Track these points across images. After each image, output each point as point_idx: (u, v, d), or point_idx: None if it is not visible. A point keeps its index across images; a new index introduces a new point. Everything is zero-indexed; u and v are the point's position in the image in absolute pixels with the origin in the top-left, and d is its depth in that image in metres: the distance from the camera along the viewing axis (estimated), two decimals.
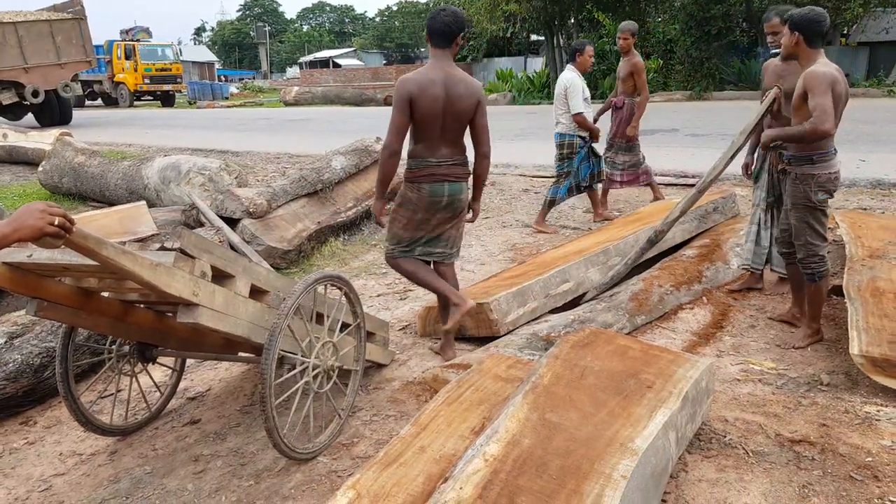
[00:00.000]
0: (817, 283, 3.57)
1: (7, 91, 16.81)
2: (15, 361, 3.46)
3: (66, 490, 2.82)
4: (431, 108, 3.20)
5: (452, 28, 3.23)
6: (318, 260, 5.89)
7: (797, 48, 3.42)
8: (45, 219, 1.59)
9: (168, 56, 31.19)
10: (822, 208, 3.49)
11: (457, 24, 3.24)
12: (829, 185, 3.45)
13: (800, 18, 3.37)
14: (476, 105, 3.29)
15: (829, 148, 3.42)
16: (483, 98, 3.33)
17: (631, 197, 7.31)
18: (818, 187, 3.44)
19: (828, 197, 3.48)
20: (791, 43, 3.43)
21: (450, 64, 3.29)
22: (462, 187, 3.40)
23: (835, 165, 3.46)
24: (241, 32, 73.69)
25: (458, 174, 3.37)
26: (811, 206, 3.48)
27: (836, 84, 3.26)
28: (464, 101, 3.25)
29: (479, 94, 3.30)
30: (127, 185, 7.49)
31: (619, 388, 2.41)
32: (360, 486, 2.05)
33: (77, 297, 2.49)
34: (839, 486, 2.37)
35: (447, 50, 3.28)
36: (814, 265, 3.54)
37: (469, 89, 3.27)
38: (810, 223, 3.51)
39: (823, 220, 3.53)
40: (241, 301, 2.55)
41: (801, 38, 3.38)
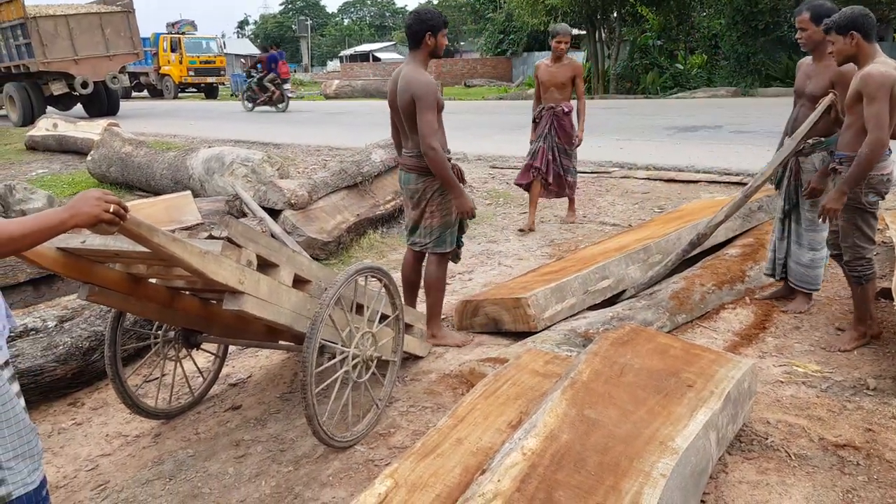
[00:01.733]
0: (864, 286, 3.47)
1: (58, 82, 17.25)
2: (65, 344, 3.57)
3: (111, 470, 2.91)
4: (391, 105, 3.57)
5: (414, 29, 3.44)
6: (356, 252, 5.95)
7: (857, 48, 3.21)
8: (100, 206, 1.64)
9: (212, 49, 31.68)
10: (872, 210, 3.39)
11: (418, 24, 3.43)
12: (880, 186, 3.34)
13: (853, 17, 3.18)
14: (411, 101, 3.39)
15: None
16: (418, 94, 3.36)
17: (673, 194, 7.21)
18: (869, 188, 3.33)
19: (878, 199, 3.38)
20: (850, 45, 3.21)
21: (410, 62, 3.50)
22: (410, 178, 3.59)
23: (888, 167, 3.34)
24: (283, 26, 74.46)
25: (408, 165, 3.59)
26: (860, 208, 3.37)
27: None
28: (402, 97, 3.43)
29: (413, 89, 3.38)
30: (172, 175, 7.65)
31: (660, 387, 2.39)
32: (398, 475, 2.07)
33: (126, 283, 2.56)
34: (885, 492, 2.31)
35: (416, 51, 3.49)
36: (860, 268, 3.45)
37: (406, 84, 3.42)
38: (858, 225, 3.41)
39: (872, 223, 3.43)
40: (284, 290, 2.59)
41: (860, 38, 3.19)
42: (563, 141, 6.12)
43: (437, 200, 3.57)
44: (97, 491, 2.75)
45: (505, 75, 35.31)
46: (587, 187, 7.81)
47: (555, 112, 6.06)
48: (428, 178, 3.53)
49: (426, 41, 3.44)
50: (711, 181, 7.47)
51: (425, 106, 3.36)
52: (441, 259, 3.71)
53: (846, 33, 3.19)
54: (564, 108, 6.08)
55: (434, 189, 3.55)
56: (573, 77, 6.03)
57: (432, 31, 3.43)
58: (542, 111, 6.13)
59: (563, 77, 5.99)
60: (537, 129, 6.21)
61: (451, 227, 3.64)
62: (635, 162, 8.88)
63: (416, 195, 3.60)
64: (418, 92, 3.36)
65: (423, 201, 3.59)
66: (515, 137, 11.73)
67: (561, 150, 6.14)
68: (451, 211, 3.61)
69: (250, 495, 2.59)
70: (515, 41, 34.93)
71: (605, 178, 8.21)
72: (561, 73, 5.99)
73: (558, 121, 6.08)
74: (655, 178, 7.89)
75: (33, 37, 16.24)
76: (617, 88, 24.07)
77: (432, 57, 3.53)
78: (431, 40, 3.45)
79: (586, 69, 25.57)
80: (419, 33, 3.43)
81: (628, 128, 12.83)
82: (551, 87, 6.02)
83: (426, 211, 3.60)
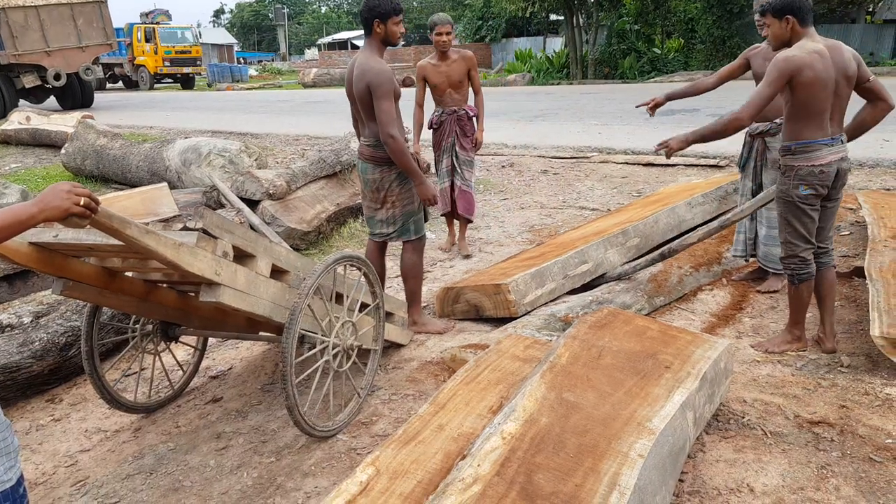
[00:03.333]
0: (797, 286, 3.28)
1: (30, 74, 16.97)
2: (41, 340, 3.53)
3: (91, 465, 2.89)
4: (348, 94, 3.56)
5: (364, 16, 3.43)
6: (337, 241, 5.93)
7: (792, 33, 3.08)
8: (70, 199, 1.61)
9: (188, 39, 31.26)
10: (804, 205, 3.15)
11: (367, 11, 3.41)
12: (810, 178, 3.09)
13: (789, 1, 3.06)
14: (367, 90, 3.37)
15: (814, 138, 3.08)
16: (374, 81, 3.33)
17: (651, 178, 7.26)
18: (798, 180, 3.12)
19: (811, 193, 3.12)
20: (785, 30, 3.09)
21: (364, 50, 3.48)
22: (368, 167, 3.56)
23: (820, 157, 3.08)
24: (259, 14, 73.57)
25: (365, 154, 3.58)
26: (790, 202, 3.17)
27: (805, 70, 2.96)
28: (357, 86, 3.41)
29: (368, 78, 3.35)
30: (148, 167, 7.56)
31: (637, 369, 2.42)
32: (379, 463, 2.08)
33: (101, 277, 2.53)
34: (858, 467, 2.36)
35: (369, 38, 3.47)
36: (793, 266, 3.26)
37: (361, 73, 3.40)
38: (789, 220, 3.21)
39: (805, 220, 3.18)
40: (262, 281, 2.58)
41: (795, 22, 3.06)
42: (468, 149, 5.16)
43: (397, 190, 3.56)
44: (77, 487, 2.73)
45: (484, 62, 35.19)
46: (566, 172, 7.83)
47: (458, 117, 5.05)
48: (385, 167, 3.51)
49: (375, 28, 3.40)
50: (689, 164, 7.52)
51: (382, 94, 3.33)
52: (414, 246, 3.70)
53: (781, 17, 3.10)
54: (469, 112, 5.10)
55: (392, 178, 3.53)
56: (468, 71, 5.02)
57: (380, 17, 3.38)
58: (443, 115, 5.07)
59: (458, 74, 4.97)
60: (438, 138, 5.19)
61: (414, 216, 3.63)
62: (614, 147, 8.92)
63: (374, 184, 3.57)
64: (374, 81, 3.33)
65: (381, 190, 3.57)
66: (496, 124, 11.72)
67: (464, 160, 5.16)
68: (412, 199, 3.60)
69: (232, 487, 2.59)
70: (494, 27, 34.82)
71: (584, 162, 8.24)
72: (453, 70, 4.95)
73: (462, 127, 5.09)
74: (634, 163, 7.93)
75: (3, 29, 15.95)
76: (595, 73, 24.12)
77: (386, 45, 3.48)
78: (381, 27, 3.40)
79: (564, 55, 25.65)
80: (368, 20, 3.40)
81: (607, 113, 12.86)
82: (448, 89, 4.99)
83: (386, 201, 3.59)
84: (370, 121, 3.47)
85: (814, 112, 3.05)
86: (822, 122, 3.07)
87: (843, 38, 13.69)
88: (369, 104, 3.40)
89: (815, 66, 2.98)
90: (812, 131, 3.08)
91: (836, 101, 3.07)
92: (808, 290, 3.30)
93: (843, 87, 3.07)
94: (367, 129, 3.53)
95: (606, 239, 4.28)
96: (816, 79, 2.99)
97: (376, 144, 3.48)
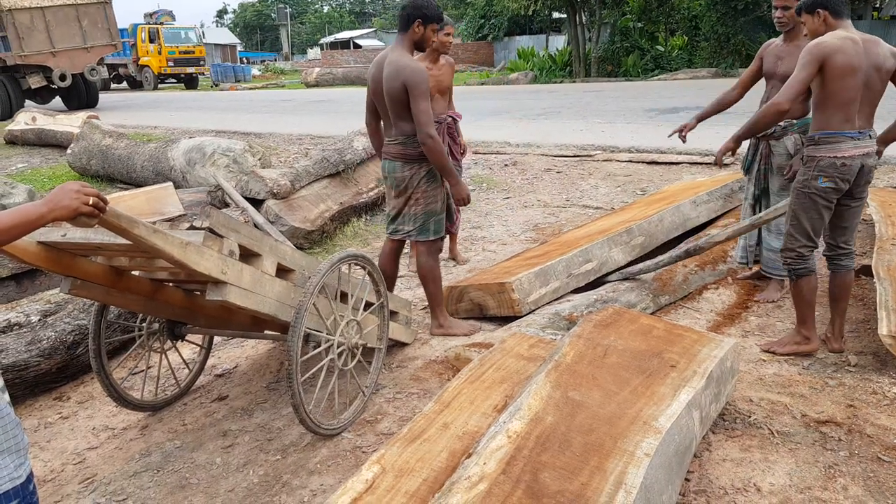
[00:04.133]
0: (796, 282, 3.22)
1: (35, 75, 17.01)
2: (49, 338, 3.55)
3: (98, 463, 2.90)
4: (374, 91, 3.50)
5: (407, 11, 3.38)
6: (340, 240, 5.94)
7: (826, 26, 3.06)
8: (79, 198, 1.62)
9: (191, 39, 31.33)
10: (819, 199, 3.06)
11: (412, 8, 3.36)
12: (831, 170, 3.01)
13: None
14: (402, 89, 3.32)
15: (840, 129, 3.01)
16: (411, 80, 3.28)
17: (655, 176, 7.25)
18: (818, 171, 3.04)
19: (830, 186, 3.03)
20: (819, 23, 3.07)
21: (396, 47, 3.41)
22: (396, 165, 3.52)
23: (843, 150, 2.99)
24: (262, 14, 73.67)
25: (393, 152, 3.52)
26: (804, 192, 3.09)
27: (836, 54, 2.91)
28: (391, 83, 3.34)
29: (404, 77, 3.29)
30: (153, 166, 7.59)
31: (643, 367, 2.42)
32: (385, 461, 2.08)
33: (109, 276, 2.54)
34: (866, 466, 2.36)
35: (403, 35, 3.41)
36: (790, 260, 3.20)
37: (395, 70, 3.33)
38: (797, 212, 3.14)
39: (814, 216, 3.10)
40: (267, 279, 2.59)
41: (827, 14, 3.04)
42: (459, 158, 4.77)
43: (423, 188, 3.53)
44: (85, 484, 2.74)
45: (486, 60, 35.18)
46: (570, 171, 7.83)
47: (448, 125, 4.63)
48: (415, 165, 3.48)
49: (414, 28, 3.36)
50: (693, 162, 7.51)
51: (420, 94, 3.29)
52: (430, 247, 3.65)
53: (814, 11, 3.10)
54: (455, 118, 4.74)
55: (421, 176, 3.51)
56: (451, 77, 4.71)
57: (423, 19, 3.35)
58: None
59: (448, 80, 4.64)
60: None
61: (435, 215, 3.60)
62: (617, 145, 8.90)
63: (402, 183, 3.54)
64: (411, 80, 3.28)
65: (409, 189, 3.54)
66: (499, 123, 11.73)
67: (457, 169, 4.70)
68: (436, 199, 3.58)
69: (238, 485, 2.60)
70: (496, 25, 34.81)
71: (587, 161, 8.22)
72: (444, 74, 4.59)
73: (451, 135, 4.70)
74: (637, 161, 7.92)
75: (9, 30, 15.98)
76: (598, 71, 24.08)
77: (417, 48, 3.45)
78: (420, 28, 3.37)
79: (566, 53, 25.61)
80: (410, 17, 3.36)
81: (610, 111, 12.84)
82: (436, 94, 4.47)
83: (411, 198, 3.56)
84: (399, 119, 3.43)
85: (841, 102, 2.98)
86: (848, 114, 3.00)
87: None
88: (402, 102, 3.35)
89: (847, 52, 2.93)
90: (838, 122, 3.01)
91: (865, 94, 3.00)
92: (809, 286, 3.22)
93: (874, 80, 3.00)
94: (395, 128, 3.48)
95: (610, 237, 4.28)
96: (847, 65, 2.92)
97: (406, 142, 3.45)
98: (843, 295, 3.29)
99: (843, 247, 3.24)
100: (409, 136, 3.43)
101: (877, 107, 3.08)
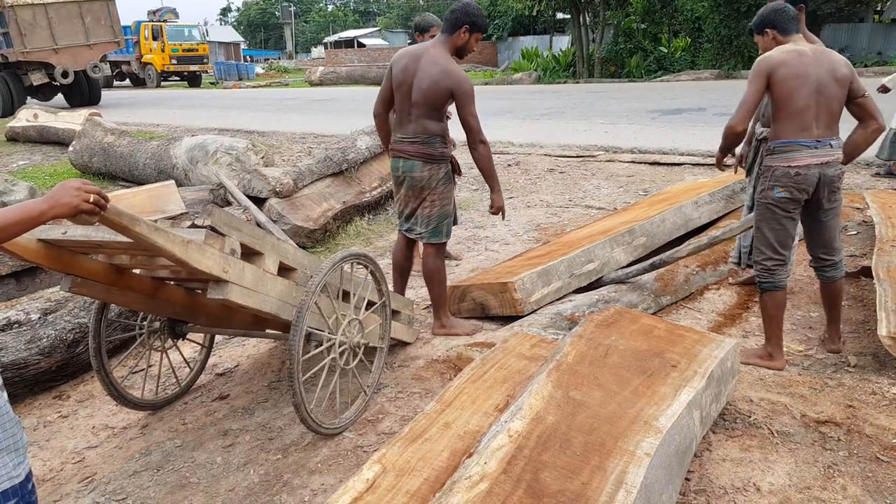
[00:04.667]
0: (761, 295, 3.17)
1: (37, 72, 17.03)
2: (49, 337, 3.55)
3: (98, 462, 2.90)
4: (403, 84, 3.41)
5: (457, 15, 3.35)
6: (343, 239, 5.94)
7: (775, 42, 3.11)
8: (80, 196, 1.62)
9: (195, 37, 31.35)
10: (777, 209, 3.02)
11: (462, 13, 3.34)
12: (784, 179, 2.96)
13: (764, 16, 3.15)
14: (447, 92, 3.32)
15: (794, 138, 2.96)
16: (461, 88, 3.30)
17: (657, 177, 7.24)
18: (773, 181, 3.00)
19: (786, 196, 2.98)
20: (769, 42, 3.14)
21: (439, 47, 3.39)
22: (415, 165, 3.45)
23: (796, 159, 2.94)
24: (266, 13, 73.65)
25: (410, 151, 3.45)
26: (762, 203, 3.07)
27: (780, 66, 2.94)
28: (434, 84, 3.32)
29: (453, 81, 3.29)
30: (155, 164, 7.59)
31: (644, 367, 2.41)
32: (386, 460, 2.08)
33: (109, 274, 2.54)
34: (865, 466, 2.36)
35: (448, 37, 3.39)
36: (757, 272, 3.16)
37: (440, 73, 3.30)
38: (759, 224, 3.10)
39: (776, 227, 3.05)
40: (269, 278, 2.59)
41: (775, 33, 3.11)
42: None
43: (441, 189, 3.51)
44: (84, 483, 2.74)
45: (490, 60, 35.17)
46: (572, 171, 7.83)
47: None
48: (434, 165, 3.46)
49: (461, 32, 3.37)
50: (695, 163, 7.50)
51: (470, 100, 3.32)
52: (438, 250, 3.64)
53: (762, 31, 3.17)
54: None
55: (440, 178, 3.49)
56: None
57: (471, 26, 3.36)
58: None
59: None
60: None
61: (448, 218, 3.59)
62: (620, 145, 8.90)
63: (420, 183, 3.48)
64: (462, 88, 3.30)
65: (426, 190, 3.49)
66: (502, 123, 11.72)
67: None
68: (450, 200, 3.58)
69: (239, 484, 2.60)
70: (500, 25, 34.79)
71: (590, 161, 8.22)
72: None
73: None
74: (640, 162, 7.92)
75: (11, 26, 16.00)
76: (601, 72, 24.07)
77: (456, 52, 3.43)
78: (465, 35, 3.37)
79: (570, 53, 25.61)
80: (459, 22, 3.35)
81: (613, 111, 12.84)
82: None
83: (426, 199, 3.52)
84: (425, 118, 3.40)
85: (793, 111, 2.95)
86: (803, 123, 2.95)
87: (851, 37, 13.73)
88: (438, 104, 3.37)
89: (791, 63, 2.95)
90: (793, 131, 2.97)
91: (821, 101, 2.95)
92: (774, 302, 3.13)
93: (830, 86, 2.96)
94: (416, 125, 3.43)
95: (613, 238, 4.27)
96: (792, 74, 2.93)
97: (428, 141, 3.43)
98: (835, 302, 3.27)
99: (824, 258, 3.19)
100: (434, 136, 3.42)
101: (839, 115, 3.03)
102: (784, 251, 3.10)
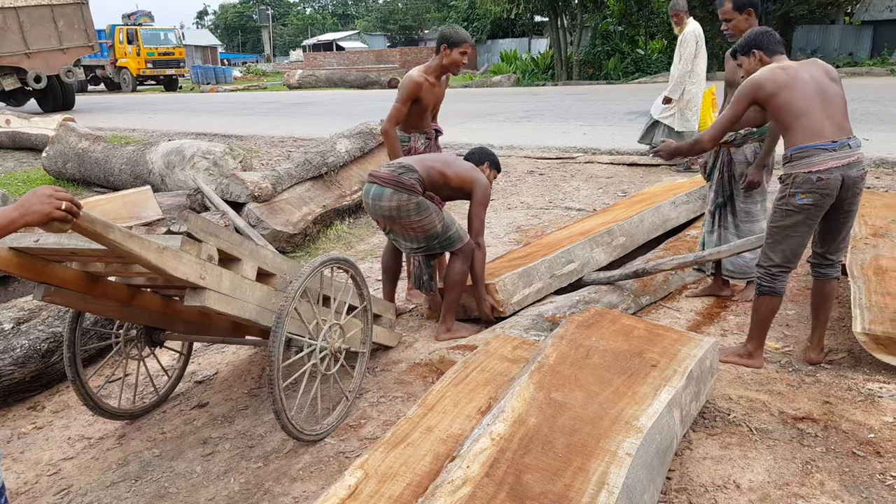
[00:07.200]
0: (757, 297, 3.13)
1: (9, 77, 16.77)
2: (22, 347, 3.48)
3: (74, 474, 2.85)
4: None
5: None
6: (323, 243, 5.91)
7: (761, 64, 3.10)
8: (52, 203, 1.59)
9: (171, 40, 31.05)
10: (796, 215, 2.91)
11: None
12: (806, 186, 2.84)
13: (751, 38, 3.13)
14: (466, 190, 3.63)
15: (810, 142, 2.85)
16: (478, 192, 3.60)
17: (635, 178, 7.29)
18: (795, 188, 2.88)
19: (810, 202, 2.87)
20: (755, 63, 3.12)
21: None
22: (384, 192, 3.44)
23: (817, 163, 2.83)
24: (243, 16, 73.17)
25: (383, 178, 3.47)
26: (783, 208, 2.95)
27: (766, 82, 2.93)
28: (459, 178, 3.62)
29: (472, 186, 3.61)
30: (131, 170, 7.50)
31: (624, 368, 2.43)
32: (368, 466, 2.07)
33: (84, 282, 2.51)
34: (842, 462, 2.39)
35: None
36: (759, 275, 3.11)
37: (464, 176, 3.63)
38: (774, 230, 3.01)
39: (792, 234, 2.96)
40: (247, 284, 2.56)
41: (761, 54, 3.10)
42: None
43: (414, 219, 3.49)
44: (60, 495, 2.70)
45: (469, 63, 35.22)
46: (552, 173, 7.86)
47: (434, 139, 4.31)
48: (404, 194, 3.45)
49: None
50: (672, 164, 7.56)
51: (484, 204, 3.67)
52: (462, 254, 3.58)
53: (748, 53, 3.16)
54: (440, 131, 4.38)
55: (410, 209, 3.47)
56: None
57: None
58: (422, 142, 4.19)
59: (442, 95, 4.26)
60: None
61: (448, 230, 3.57)
62: (599, 147, 8.96)
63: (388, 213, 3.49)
64: (479, 191, 3.59)
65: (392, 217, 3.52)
66: (482, 125, 11.75)
67: None
68: (433, 223, 3.52)
69: (219, 493, 2.57)
70: (479, 28, 34.86)
71: (569, 163, 8.27)
72: (441, 92, 4.23)
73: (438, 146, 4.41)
74: (618, 163, 7.97)
75: None
76: (580, 75, 24.21)
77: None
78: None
79: (549, 56, 25.74)
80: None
81: (591, 113, 12.92)
82: (428, 110, 4.16)
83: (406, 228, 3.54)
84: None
85: (798, 114, 2.87)
86: (813, 126, 2.86)
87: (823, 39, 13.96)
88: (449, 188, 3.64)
89: (777, 78, 2.93)
90: (804, 137, 2.86)
91: (825, 101, 2.89)
92: (767, 307, 3.11)
93: (828, 86, 2.93)
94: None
95: (592, 238, 4.30)
96: (782, 85, 2.90)
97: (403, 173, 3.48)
98: (825, 304, 3.17)
99: (827, 258, 3.13)
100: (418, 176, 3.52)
101: (846, 113, 2.96)
102: (794, 260, 3.04)
